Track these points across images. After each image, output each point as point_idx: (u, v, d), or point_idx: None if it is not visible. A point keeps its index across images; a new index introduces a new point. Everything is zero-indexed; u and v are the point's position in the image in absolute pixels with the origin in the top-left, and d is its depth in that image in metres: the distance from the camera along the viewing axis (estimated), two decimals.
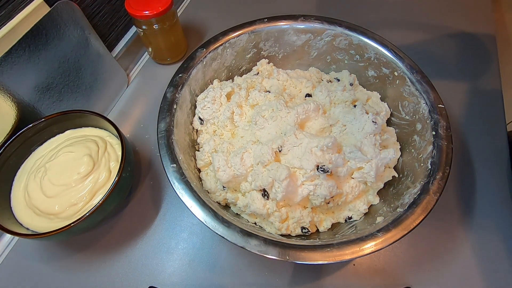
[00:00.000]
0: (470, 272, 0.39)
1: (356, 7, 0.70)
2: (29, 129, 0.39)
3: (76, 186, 0.37)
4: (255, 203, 0.36)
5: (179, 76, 0.42)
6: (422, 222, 0.31)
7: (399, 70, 0.43)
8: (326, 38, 0.48)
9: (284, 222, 0.36)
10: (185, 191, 0.34)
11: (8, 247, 0.42)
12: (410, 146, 0.40)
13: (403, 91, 0.43)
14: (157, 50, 0.58)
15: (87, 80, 0.49)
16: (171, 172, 0.35)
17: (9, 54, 0.37)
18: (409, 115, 0.42)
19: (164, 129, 0.38)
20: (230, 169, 0.36)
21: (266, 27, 0.47)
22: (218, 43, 0.46)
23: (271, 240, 0.31)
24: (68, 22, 0.43)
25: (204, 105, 0.42)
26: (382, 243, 0.30)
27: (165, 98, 0.40)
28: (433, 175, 0.34)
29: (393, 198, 0.37)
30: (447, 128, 0.37)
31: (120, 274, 0.40)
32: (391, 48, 0.44)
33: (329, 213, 0.39)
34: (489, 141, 0.49)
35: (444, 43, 0.62)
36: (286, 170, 0.33)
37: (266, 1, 0.72)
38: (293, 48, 0.50)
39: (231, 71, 0.50)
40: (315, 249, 0.30)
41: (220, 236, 0.31)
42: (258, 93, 0.42)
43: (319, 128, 0.39)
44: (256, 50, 0.50)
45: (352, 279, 0.39)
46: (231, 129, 0.42)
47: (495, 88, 0.55)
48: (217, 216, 0.32)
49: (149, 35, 0.54)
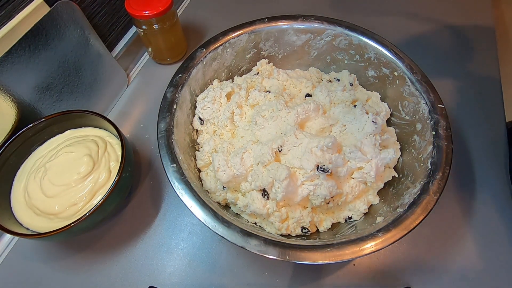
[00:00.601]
0: (471, 272, 0.39)
1: (355, 4, 0.70)
2: (29, 129, 0.39)
3: (76, 186, 0.37)
4: (255, 203, 0.36)
5: (179, 76, 0.42)
6: (422, 222, 0.32)
7: (399, 70, 0.43)
8: (326, 38, 0.48)
9: (284, 222, 0.36)
10: (185, 191, 0.34)
11: (8, 247, 0.42)
12: (410, 146, 0.40)
13: (403, 91, 0.43)
14: (157, 50, 0.58)
15: (87, 80, 0.49)
16: (171, 172, 0.35)
17: (9, 54, 0.37)
18: (409, 115, 0.42)
19: (164, 129, 0.38)
20: (230, 169, 0.36)
21: (266, 27, 0.47)
22: (218, 43, 0.46)
23: (271, 240, 0.31)
24: (68, 22, 0.43)
25: (204, 105, 0.42)
26: (382, 243, 0.30)
27: (165, 98, 0.40)
28: (433, 175, 0.34)
29: (393, 198, 0.37)
30: (447, 128, 0.37)
31: (120, 274, 0.40)
32: (391, 48, 0.44)
33: (329, 213, 0.39)
34: (489, 141, 0.49)
35: (444, 42, 0.62)
36: (286, 170, 0.33)
37: (266, 1, 0.72)
38: (293, 48, 0.50)
39: (231, 71, 0.50)
40: (315, 249, 0.30)
41: (220, 236, 0.31)
42: (258, 93, 0.42)
43: (319, 128, 0.39)
44: (256, 50, 0.50)
45: (352, 279, 0.39)
46: (231, 129, 0.42)
47: (495, 87, 0.55)
48: (217, 216, 0.32)
49: (149, 35, 0.54)
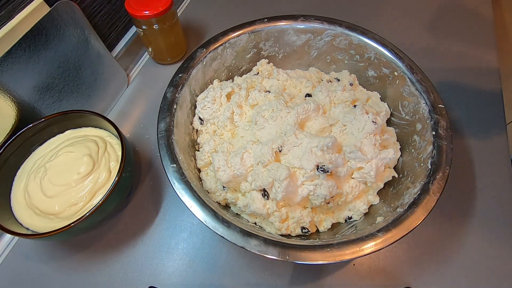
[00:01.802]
0: (471, 272, 0.39)
1: (354, 3, 0.70)
2: (29, 129, 0.39)
3: (76, 186, 0.37)
4: (255, 203, 0.36)
5: (179, 76, 0.42)
6: (422, 222, 0.32)
7: (399, 70, 0.43)
8: (326, 38, 0.48)
9: (284, 222, 0.36)
10: (185, 191, 0.34)
11: (8, 247, 0.42)
12: (410, 146, 0.40)
13: (403, 91, 0.43)
14: (157, 50, 0.58)
15: (87, 80, 0.49)
16: (171, 172, 0.35)
17: (9, 54, 0.37)
18: (409, 115, 0.42)
19: (164, 129, 0.38)
20: (230, 169, 0.36)
21: (266, 27, 0.47)
22: (218, 43, 0.46)
23: (271, 240, 0.31)
24: (68, 22, 0.43)
25: (204, 105, 0.42)
26: (382, 243, 0.30)
27: (165, 98, 0.40)
28: (433, 175, 0.34)
29: (393, 198, 0.37)
30: (447, 128, 0.37)
31: (120, 274, 0.40)
32: (391, 48, 0.44)
33: (329, 213, 0.39)
34: (489, 141, 0.49)
35: (444, 43, 0.62)
36: (286, 170, 0.33)
37: (266, 1, 0.72)
38: (293, 48, 0.50)
39: (231, 71, 0.50)
40: (315, 249, 0.30)
41: (220, 236, 0.31)
42: (258, 93, 0.42)
43: (319, 128, 0.39)
44: (256, 50, 0.50)
45: (352, 279, 0.39)
46: (231, 129, 0.42)
47: (495, 88, 0.55)
48: (217, 216, 0.32)
49: (149, 35, 0.54)
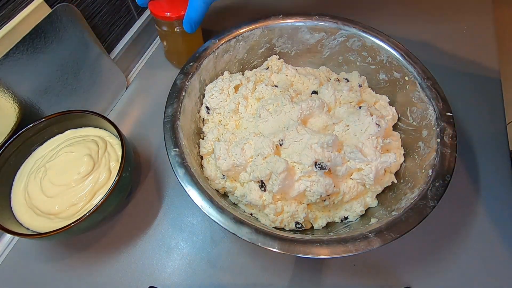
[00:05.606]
0: (471, 272, 0.39)
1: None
2: (29, 129, 0.39)
3: (76, 186, 0.37)
4: (251, 194, 0.36)
5: (190, 64, 0.43)
6: (416, 226, 0.31)
7: (411, 75, 0.42)
8: (339, 38, 0.48)
9: (278, 215, 0.37)
10: (184, 175, 0.35)
11: (8, 247, 0.42)
12: (414, 152, 0.40)
13: (412, 97, 0.42)
14: (173, 51, 0.57)
15: (86, 83, 0.48)
16: (173, 155, 0.36)
17: (7, 57, 0.36)
18: (416, 121, 0.41)
19: (171, 114, 0.39)
20: (231, 158, 0.37)
21: (280, 23, 0.48)
22: (231, 36, 0.46)
23: (262, 229, 0.31)
24: (68, 25, 0.42)
25: (212, 94, 0.43)
26: (372, 244, 0.30)
27: (175, 85, 0.41)
28: (432, 182, 0.34)
29: (391, 202, 0.37)
30: (452, 136, 0.36)
31: (120, 274, 0.40)
32: (404, 52, 0.43)
33: (325, 211, 0.39)
34: (490, 141, 0.49)
35: (444, 42, 0.61)
36: (284, 164, 0.34)
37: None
38: (306, 46, 0.51)
39: (242, 64, 0.50)
40: (305, 243, 0.31)
41: (214, 221, 0.32)
42: (265, 86, 0.43)
43: (322, 125, 0.39)
44: (269, 46, 0.50)
45: (352, 279, 0.39)
46: (236, 120, 0.43)
47: (495, 88, 0.54)
48: (213, 201, 0.33)
49: (168, 35, 0.53)
